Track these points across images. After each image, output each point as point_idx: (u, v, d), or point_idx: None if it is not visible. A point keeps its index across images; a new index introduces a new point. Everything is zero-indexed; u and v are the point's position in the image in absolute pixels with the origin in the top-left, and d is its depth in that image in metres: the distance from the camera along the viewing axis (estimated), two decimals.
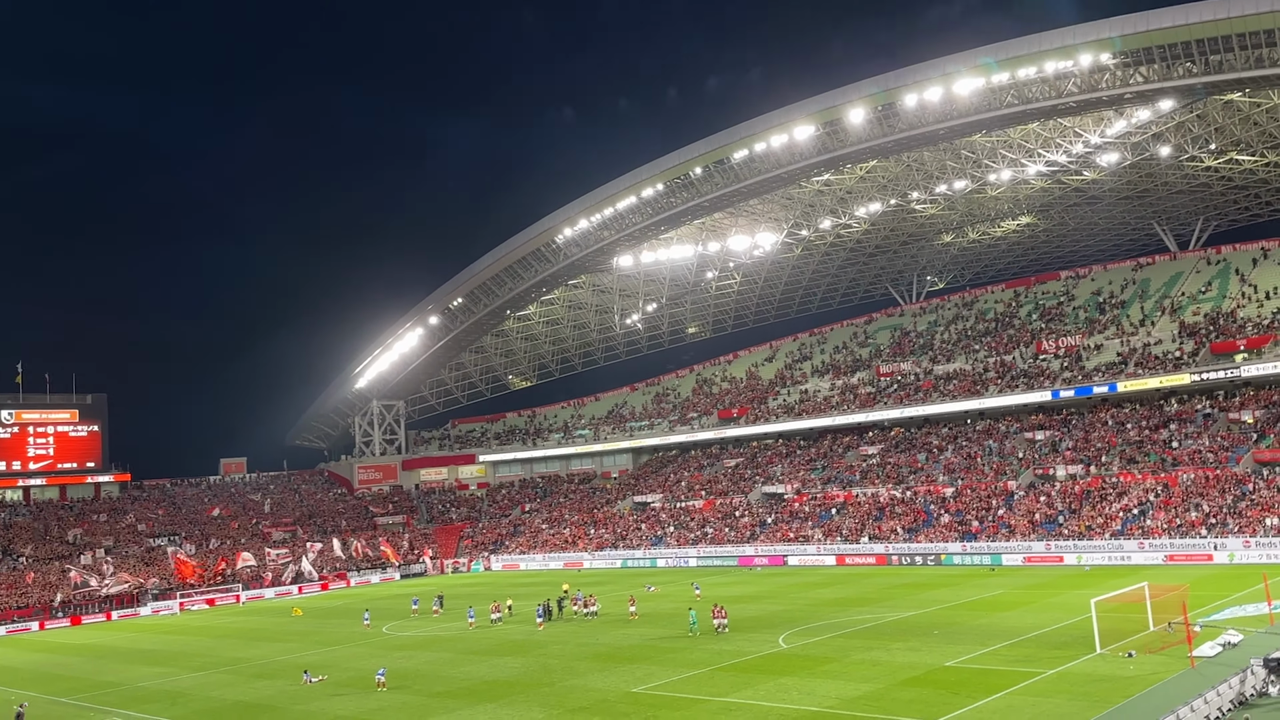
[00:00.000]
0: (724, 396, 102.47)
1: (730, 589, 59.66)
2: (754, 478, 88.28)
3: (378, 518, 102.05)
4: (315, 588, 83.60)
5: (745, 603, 52.36)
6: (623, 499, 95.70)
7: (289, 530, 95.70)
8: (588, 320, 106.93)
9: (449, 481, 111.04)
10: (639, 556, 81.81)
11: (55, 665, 50.13)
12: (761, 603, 51.95)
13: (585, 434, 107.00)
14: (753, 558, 74.24)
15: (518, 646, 43.90)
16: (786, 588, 58.00)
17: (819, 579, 61.43)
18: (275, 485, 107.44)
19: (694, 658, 37.31)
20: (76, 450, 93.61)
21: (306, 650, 48.09)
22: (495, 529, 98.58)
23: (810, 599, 51.99)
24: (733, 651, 37.88)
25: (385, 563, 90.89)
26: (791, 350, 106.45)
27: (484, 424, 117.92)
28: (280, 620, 63.38)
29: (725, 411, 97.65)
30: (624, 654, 39.60)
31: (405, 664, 41.41)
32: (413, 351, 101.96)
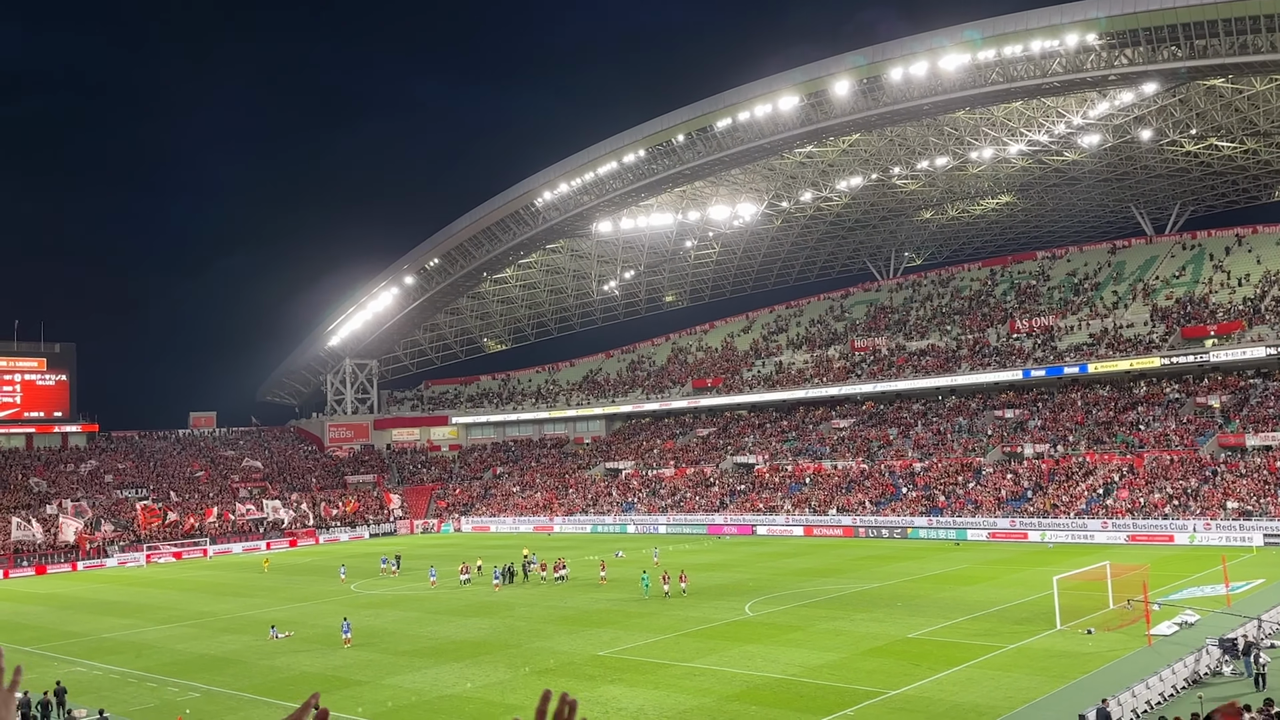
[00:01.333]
0: (699, 366, 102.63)
1: (699, 557, 60.09)
2: (726, 448, 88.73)
3: (348, 476, 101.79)
4: (284, 544, 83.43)
5: (713, 571, 52.77)
6: (595, 465, 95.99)
7: (259, 485, 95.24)
8: (565, 285, 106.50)
9: (421, 442, 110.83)
10: (609, 523, 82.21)
11: (19, 614, 49.82)
12: (729, 571, 52.38)
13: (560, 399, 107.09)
14: (722, 526, 74.76)
15: (485, 608, 44.08)
16: (754, 557, 58.49)
17: (787, 549, 61.96)
18: (245, 440, 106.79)
19: (661, 623, 37.63)
20: (44, 399, 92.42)
21: (274, 606, 48.06)
22: (466, 491, 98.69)
23: (777, 568, 52.47)
24: (699, 618, 38.23)
25: (355, 520, 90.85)
26: (768, 322, 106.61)
27: (457, 386, 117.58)
28: (247, 575, 63.29)
29: (700, 381, 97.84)
30: (591, 618, 39.89)
31: (372, 622, 41.50)
32: (387, 311, 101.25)
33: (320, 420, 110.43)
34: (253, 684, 31.09)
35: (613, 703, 26.89)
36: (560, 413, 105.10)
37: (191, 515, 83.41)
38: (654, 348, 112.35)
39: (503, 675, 30.63)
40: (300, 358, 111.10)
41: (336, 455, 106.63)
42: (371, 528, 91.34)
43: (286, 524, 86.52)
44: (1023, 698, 25.14)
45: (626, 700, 27.06)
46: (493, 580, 50.65)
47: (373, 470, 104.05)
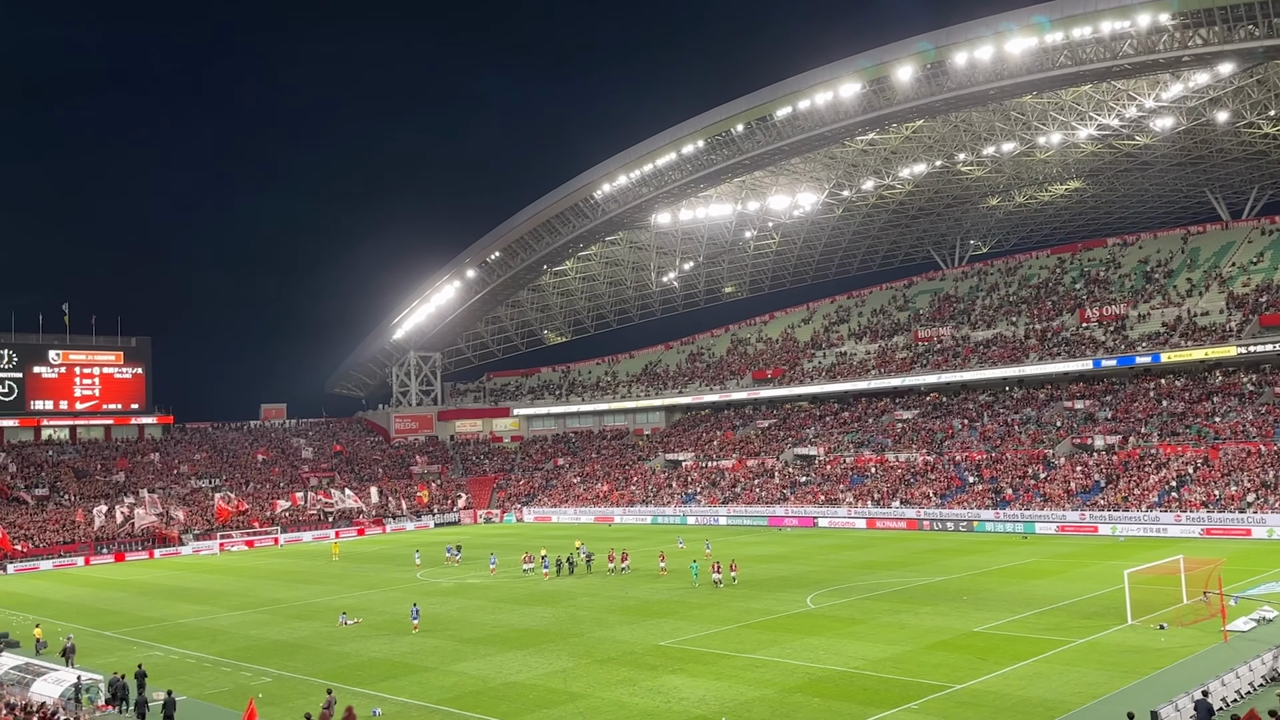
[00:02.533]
0: (759, 357, 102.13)
1: (759, 548, 59.91)
2: (786, 439, 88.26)
3: (414, 466, 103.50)
4: (351, 532, 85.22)
5: (773, 562, 52.59)
6: (654, 456, 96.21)
7: (327, 475, 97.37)
8: (624, 277, 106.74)
9: (483, 434, 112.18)
10: (669, 514, 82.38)
11: (100, 600, 51.67)
12: (790, 563, 52.15)
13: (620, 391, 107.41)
14: (783, 518, 74.47)
15: (546, 597, 44.52)
16: (815, 549, 58.16)
17: (848, 541, 61.49)
18: (314, 431, 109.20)
19: (721, 614, 37.63)
20: (121, 392, 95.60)
21: (343, 593, 49.10)
22: (528, 482, 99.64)
23: (839, 561, 52.09)
24: (760, 610, 38.14)
25: (421, 510, 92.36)
26: (829, 312, 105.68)
27: (518, 378, 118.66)
28: (317, 563, 64.75)
29: (759, 372, 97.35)
30: (652, 608, 40.03)
31: (438, 609, 42.19)
32: (450, 304, 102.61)
33: (386, 412, 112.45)
34: (322, 669, 31.85)
35: (674, 692, 26.99)
36: (620, 404, 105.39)
37: (262, 505, 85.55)
38: (713, 339, 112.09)
39: (565, 664, 30.93)
40: (367, 350, 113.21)
41: (402, 446, 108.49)
42: (436, 517, 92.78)
43: (354, 513, 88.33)
44: (1092, 693, 24.63)
45: (688, 690, 27.13)
46: (542, 569, 51.27)
47: (437, 461, 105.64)
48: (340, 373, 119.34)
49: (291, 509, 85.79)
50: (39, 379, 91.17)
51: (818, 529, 71.02)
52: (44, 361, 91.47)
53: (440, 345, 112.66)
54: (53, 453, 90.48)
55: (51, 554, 71.96)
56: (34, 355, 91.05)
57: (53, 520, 77.19)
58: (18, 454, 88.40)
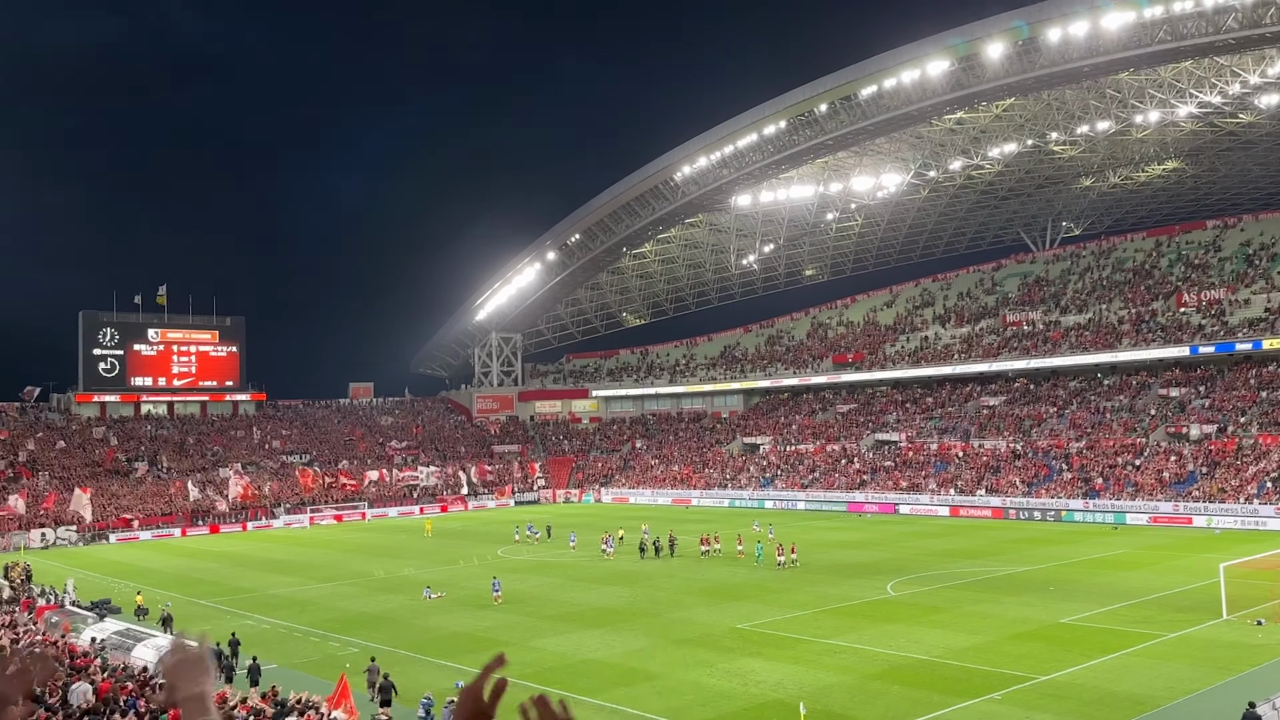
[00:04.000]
0: (839, 341, 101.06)
1: (838, 534, 59.56)
2: (867, 424, 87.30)
3: (495, 445, 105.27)
4: (435, 509, 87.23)
5: (853, 549, 52.24)
6: (732, 440, 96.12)
7: (412, 454, 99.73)
8: (703, 260, 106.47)
9: (562, 414, 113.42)
10: (747, 498, 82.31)
11: (195, 570, 53.89)
12: (870, 549, 51.74)
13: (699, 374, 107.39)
14: (863, 504, 73.81)
15: (624, 577, 44.98)
16: (896, 536, 57.62)
17: (931, 529, 60.73)
18: (399, 410, 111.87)
19: (800, 599, 37.55)
20: (216, 369, 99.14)
21: (427, 568, 50.32)
22: (606, 463, 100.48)
23: (921, 548, 51.52)
24: (839, 595, 37.95)
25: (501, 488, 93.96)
26: (913, 296, 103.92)
27: (597, 360, 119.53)
28: (402, 538, 66.47)
29: (840, 356, 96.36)
30: (729, 591, 40.16)
31: (518, 586, 42.98)
32: (530, 286, 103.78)
33: (468, 392, 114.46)
34: (408, 641, 32.78)
35: (752, 675, 27.08)
36: (698, 387, 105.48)
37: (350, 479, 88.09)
38: (793, 323, 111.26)
39: (642, 643, 31.26)
40: (450, 331, 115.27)
41: (483, 425, 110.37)
42: (517, 496, 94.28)
43: (437, 490, 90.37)
44: (1184, 688, 23.93)
45: (766, 673, 27.20)
46: (602, 548, 51.72)
47: (517, 441, 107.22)
48: (425, 353, 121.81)
49: (379, 484, 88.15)
50: (139, 356, 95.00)
51: (899, 516, 70.20)
52: (143, 339, 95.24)
53: (521, 327, 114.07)
54: (151, 427, 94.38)
55: (150, 525, 75.27)
56: (134, 333, 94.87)
57: (152, 492, 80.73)
58: (119, 428, 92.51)
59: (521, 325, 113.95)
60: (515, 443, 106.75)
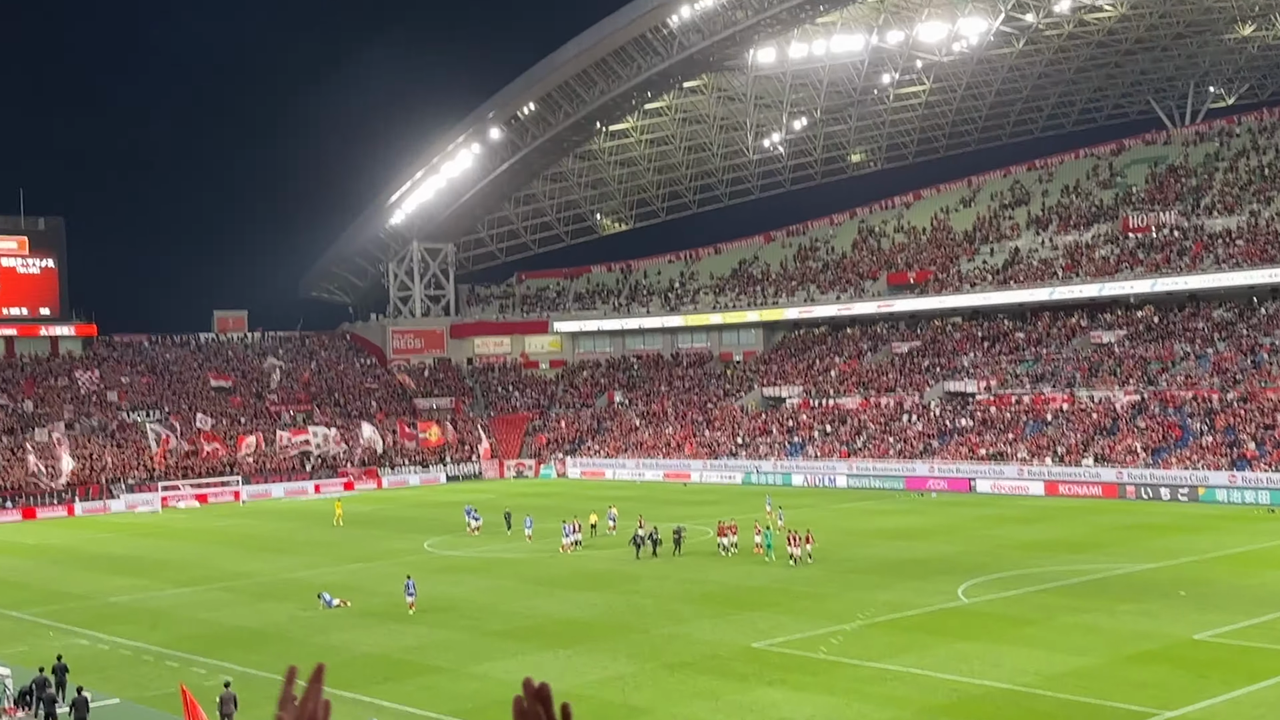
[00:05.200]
0: (896, 254, 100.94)
1: (892, 520, 59.95)
2: (934, 370, 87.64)
3: (418, 399, 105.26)
4: (336, 485, 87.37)
5: (912, 539, 52.69)
6: (748, 391, 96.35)
7: (304, 409, 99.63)
8: (708, 140, 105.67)
9: (512, 357, 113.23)
10: (768, 470, 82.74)
11: (5, 570, 53.87)
12: (935, 540, 52.18)
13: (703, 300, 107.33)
14: (926, 479, 74.31)
15: (601, 579, 45.23)
16: (971, 522, 58.05)
17: (1019, 513, 61.25)
18: (286, 349, 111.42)
19: (838, 607, 37.92)
20: (26, 292, 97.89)
21: (326, 566, 50.42)
22: (573, 423, 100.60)
23: (1004, 539, 51.96)
24: (893, 603, 38.35)
25: (427, 459, 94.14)
26: (999, 191, 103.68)
27: (561, 280, 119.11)
28: (291, 526, 66.56)
29: (898, 275, 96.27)
30: (743, 597, 40.49)
31: (453, 590, 43.20)
32: (467, 177, 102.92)
33: (381, 324, 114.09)
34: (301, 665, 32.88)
35: (771, 710, 27.38)
36: (701, 318, 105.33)
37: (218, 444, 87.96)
38: (833, 228, 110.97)
39: (623, 668, 31.52)
40: (355, 240, 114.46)
41: (403, 371, 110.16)
42: (449, 468, 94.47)
43: (340, 460, 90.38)
44: None
45: (791, 708, 27.50)
46: (563, 539, 52.34)
47: (449, 392, 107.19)
48: (320, 270, 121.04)
49: (258, 452, 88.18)
50: None
51: (975, 495, 70.72)
52: None
53: (454, 234, 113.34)
54: None
55: None
56: None
57: None
58: None
59: (455, 232, 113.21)
60: (447, 395, 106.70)
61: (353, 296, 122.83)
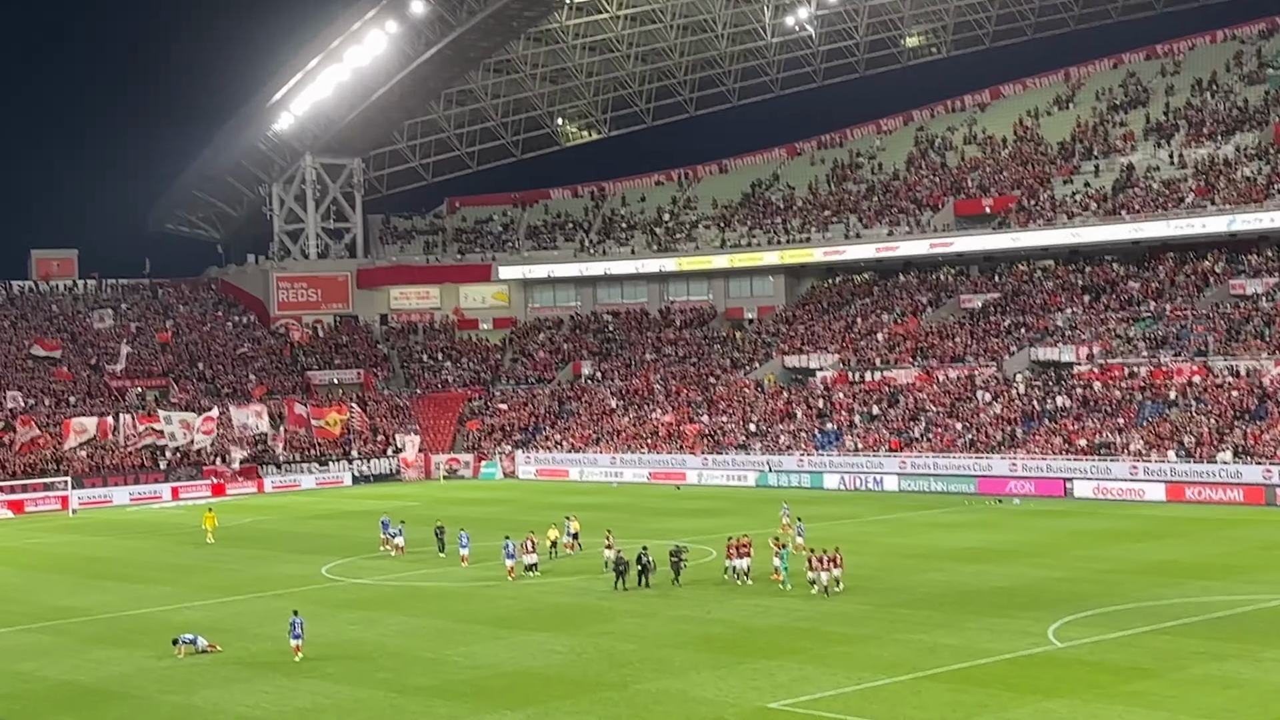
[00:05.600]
0: (967, 174, 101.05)
1: (960, 535, 60.11)
2: (1016, 331, 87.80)
3: (313, 372, 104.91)
4: (202, 488, 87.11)
5: (987, 561, 52.85)
6: (764, 361, 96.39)
7: (156, 385, 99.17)
8: (711, 17, 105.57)
9: (442, 313, 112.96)
10: (791, 467, 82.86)
11: None
12: (1019, 562, 52.34)
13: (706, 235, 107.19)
14: (1006, 481, 74.57)
15: (564, 616, 45.15)
16: (1068, 538, 58.21)
17: (1131, 525, 61.47)
18: (131, 304, 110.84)
19: (884, 654, 37.95)
20: None
21: (189, 599, 50.21)
22: (525, 404, 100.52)
23: (1111, 561, 52.15)
24: (957, 648, 38.40)
25: (326, 454, 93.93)
26: (1107, 88, 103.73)
27: (509, 209, 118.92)
28: (142, 543, 66.29)
29: (969, 203, 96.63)
30: (756, 640, 40.49)
31: (363, 632, 43.09)
32: (379, 67, 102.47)
33: (262, 270, 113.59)
34: None
35: None
36: (701, 261, 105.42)
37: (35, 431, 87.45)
38: (879, 138, 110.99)
39: None
40: (225, 154, 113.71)
41: (292, 333, 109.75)
42: (357, 467, 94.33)
43: (207, 454, 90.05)
44: None
45: None
46: (504, 558, 52.60)
47: (356, 362, 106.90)
48: (175, 196, 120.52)
49: (91, 445, 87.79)
50: None
51: (1072, 501, 71.01)
52: None
53: (361, 146, 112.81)
54: None
55: None
56: None
57: None
58: None
59: (363, 143, 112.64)
60: (353, 365, 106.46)
61: (223, 231, 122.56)
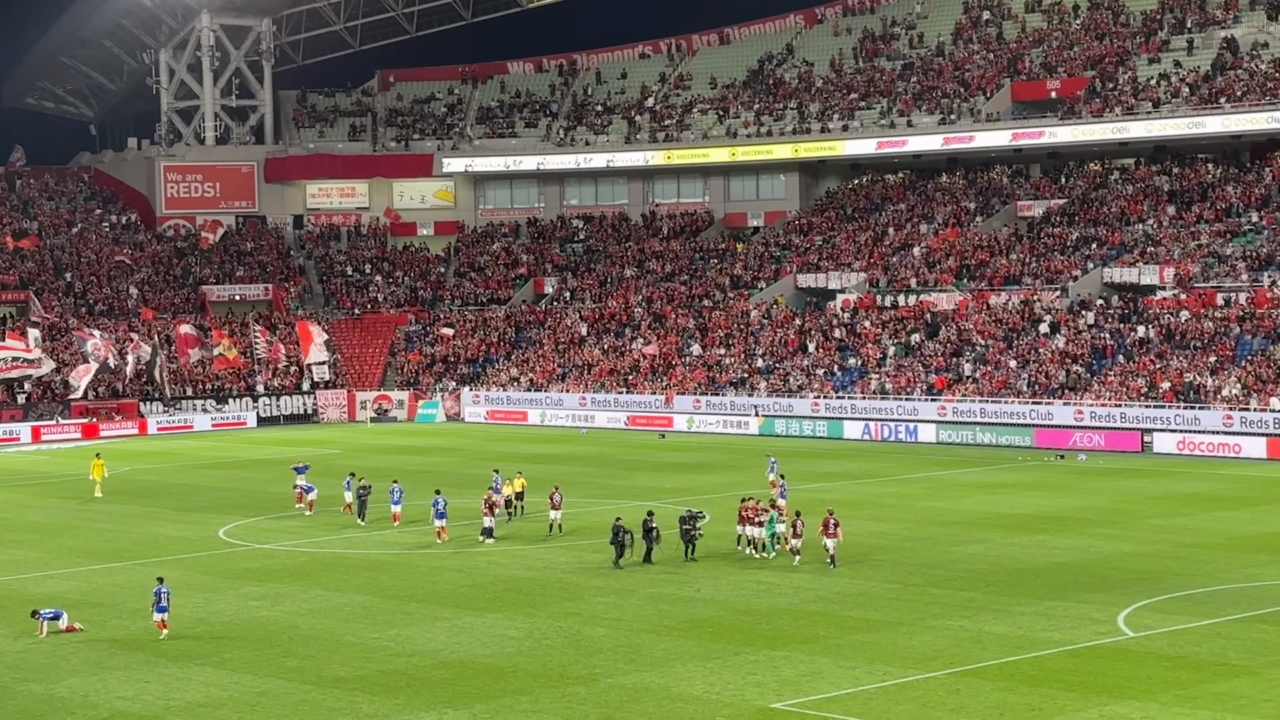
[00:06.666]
0: (1027, 49, 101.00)
1: (1013, 498, 60.50)
2: (1087, 246, 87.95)
3: (209, 286, 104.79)
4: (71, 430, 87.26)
5: (1044, 531, 53.25)
6: (771, 279, 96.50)
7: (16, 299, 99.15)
8: None
9: (372, 214, 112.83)
10: (803, 413, 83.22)
11: None
12: (1081, 533, 52.73)
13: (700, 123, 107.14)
14: (1071, 431, 74.95)
15: (523, 592, 45.53)
16: (1143, 503, 58.61)
17: (1222, 488, 61.81)
18: None
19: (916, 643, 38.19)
20: None
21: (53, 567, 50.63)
22: (474, 329, 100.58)
23: (1196, 531, 52.51)
24: (1009, 637, 38.65)
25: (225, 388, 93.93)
26: None
27: (455, 85, 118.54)
28: None
29: (1030, 85, 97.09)
30: (756, 624, 40.76)
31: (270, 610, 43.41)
32: None
33: (147, 157, 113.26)
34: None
35: None
36: (695, 154, 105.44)
37: None
38: (919, 3, 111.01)
39: None
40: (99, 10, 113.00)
41: (183, 235, 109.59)
42: (264, 405, 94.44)
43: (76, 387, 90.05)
44: None
45: None
46: (433, 516, 53.33)
47: (263, 275, 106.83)
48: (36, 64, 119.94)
49: None
50: None
51: (1150, 457, 71.58)
52: None
53: (273, 3, 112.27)
54: None
55: None
56: None
57: None
58: None
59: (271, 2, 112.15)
60: (259, 280, 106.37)
61: (97, 109, 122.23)
